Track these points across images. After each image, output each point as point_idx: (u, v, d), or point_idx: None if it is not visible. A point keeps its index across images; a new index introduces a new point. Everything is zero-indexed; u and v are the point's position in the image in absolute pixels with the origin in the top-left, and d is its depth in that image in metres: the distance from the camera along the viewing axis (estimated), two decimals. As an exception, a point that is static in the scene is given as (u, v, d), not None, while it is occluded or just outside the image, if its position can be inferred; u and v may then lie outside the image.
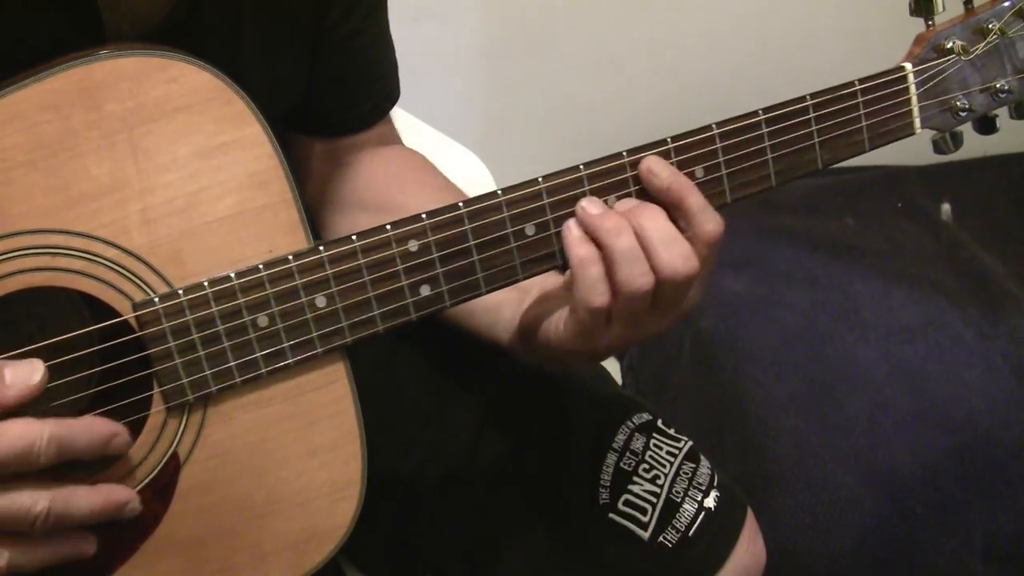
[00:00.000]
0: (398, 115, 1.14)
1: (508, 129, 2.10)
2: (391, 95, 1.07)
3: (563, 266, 0.83)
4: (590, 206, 0.80)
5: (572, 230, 0.80)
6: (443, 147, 1.28)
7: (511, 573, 1.03)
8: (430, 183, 1.03)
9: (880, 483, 1.50)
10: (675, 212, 0.80)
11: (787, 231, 1.91)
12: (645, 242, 0.78)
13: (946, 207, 2.02)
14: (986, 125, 0.94)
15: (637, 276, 0.77)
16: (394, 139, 1.10)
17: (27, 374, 0.69)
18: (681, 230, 0.80)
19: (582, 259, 0.78)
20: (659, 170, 0.81)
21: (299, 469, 0.82)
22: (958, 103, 0.91)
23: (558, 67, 2.06)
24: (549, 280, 0.88)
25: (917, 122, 0.90)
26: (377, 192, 1.00)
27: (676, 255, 0.77)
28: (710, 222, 0.80)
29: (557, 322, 0.83)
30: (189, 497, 0.80)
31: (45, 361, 0.75)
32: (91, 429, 0.70)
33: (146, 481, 0.78)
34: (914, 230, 1.96)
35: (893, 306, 1.76)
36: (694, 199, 0.80)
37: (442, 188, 1.02)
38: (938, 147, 0.93)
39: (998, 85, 0.91)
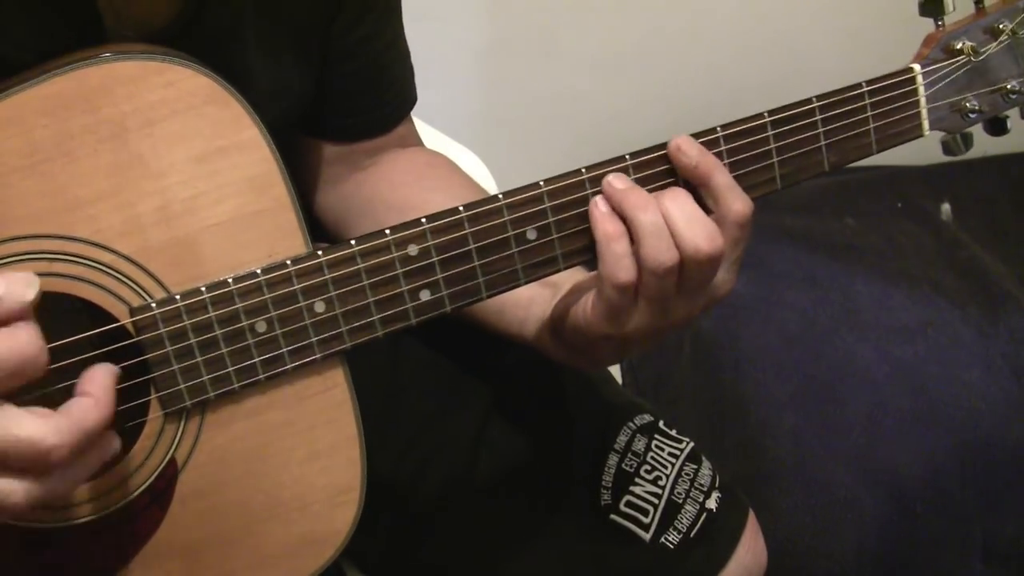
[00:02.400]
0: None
1: (508, 129, 2.10)
2: (409, 98, 1.06)
3: (592, 260, 0.82)
4: (616, 180, 0.80)
5: (599, 206, 0.79)
6: (443, 147, 1.28)
7: (513, 574, 1.03)
8: (456, 181, 1.02)
9: (880, 483, 1.50)
10: (703, 191, 0.80)
11: (787, 231, 1.91)
12: (668, 220, 0.77)
13: (946, 207, 2.02)
14: (997, 126, 0.93)
15: (662, 251, 0.76)
16: (414, 141, 1.09)
17: (22, 288, 0.65)
18: (709, 211, 0.80)
19: (607, 234, 0.78)
20: (687, 148, 0.80)
21: (298, 474, 0.82)
22: (968, 104, 0.90)
23: (558, 67, 2.06)
24: (580, 274, 0.88)
25: (926, 124, 0.89)
26: (402, 192, 1.00)
27: (699, 233, 0.77)
28: (737, 201, 0.80)
29: (585, 304, 0.83)
30: (188, 502, 0.79)
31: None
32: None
33: (144, 486, 0.78)
34: (914, 230, 1.95)
35: (893, 306, 1.75)
36: (721, 178, 0.80)
37: (466, 186, 1.02)
38: (948, 148, 0.92)
39: (1009, 86, 0.90)
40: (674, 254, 0.77)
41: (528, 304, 0.91)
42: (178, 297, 0.75)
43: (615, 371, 1.94)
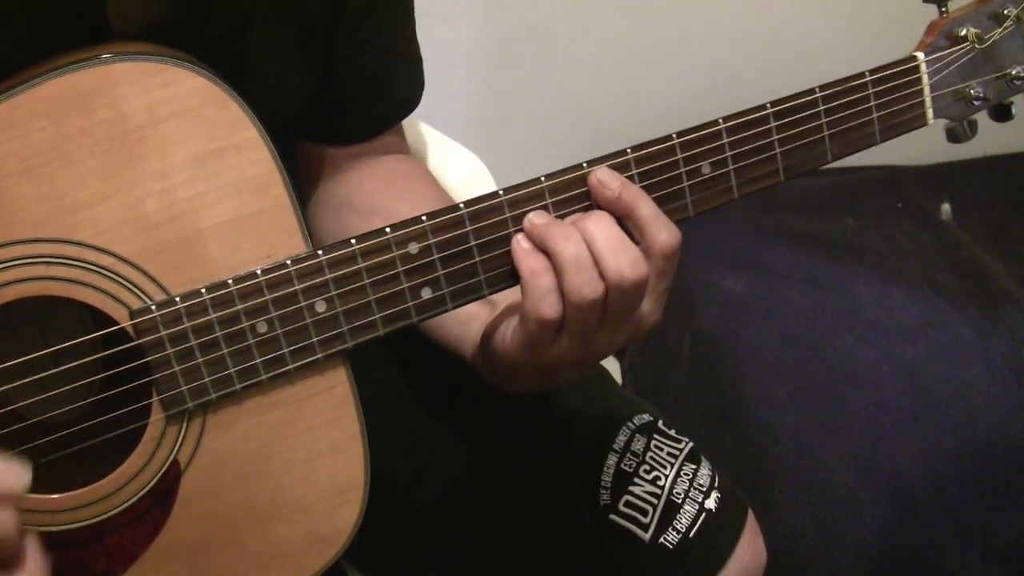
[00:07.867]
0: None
1: (508, 129, 2.10)
2: (405, 103, 1.04)
3: None
4: (536, 217, 0.79)
5: (520, 243, 0.78)
6: (443, 147, 1.27)
7: (512, 574, 1.03)
8: (427, 194, 1.01)
9: (880, 483, 1.50)
10: (628, 223, 0.79)
11: (787, 231, 1.91)
12: (592, 248, 0.76)
13: (946, 207, 2.02)
14: (1001, 112, 0.92)
15: (585, 284, 0.75)
16: (398, 149, 1.07)
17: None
18: (636, 242, 0.78)
19: (532, 270, 0.77)
20: (608, 180, 0.79)
21: (301, 474, 0.82)
22: (972, 92, 0.89)
23: (558, 66, 2.06)
24: (518, 293, 0.86)
25: (930, 113, 0.88)
26: (370, 199, 0.99)
27: (623, 261, 0.76)
28: (663, 231, 0.78)
29: (504, 332, 0.82)
30: (191, 504, 0.79)
31: (44, 369, 0.75)
32: None
33: (147, 488, 0.78)
34: (914, 230, 1.95)
35: (893, 306, 1.75)
36: (646, 209, 0.78)
37: (434, 198, 1.00)
38: (954, 135, 0.91)
39: (1013, 72, 0.90)
40: (598, 286, 0.76)
41: (468, 321, 0.89)
42: (178, 299, 0.75)
43: (615, 371, 1.94)
